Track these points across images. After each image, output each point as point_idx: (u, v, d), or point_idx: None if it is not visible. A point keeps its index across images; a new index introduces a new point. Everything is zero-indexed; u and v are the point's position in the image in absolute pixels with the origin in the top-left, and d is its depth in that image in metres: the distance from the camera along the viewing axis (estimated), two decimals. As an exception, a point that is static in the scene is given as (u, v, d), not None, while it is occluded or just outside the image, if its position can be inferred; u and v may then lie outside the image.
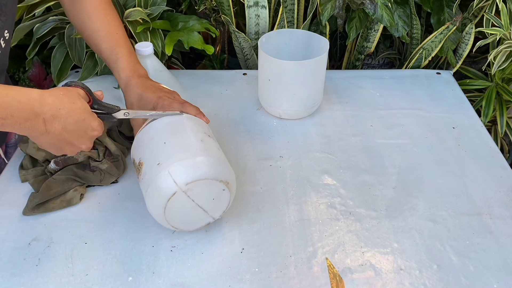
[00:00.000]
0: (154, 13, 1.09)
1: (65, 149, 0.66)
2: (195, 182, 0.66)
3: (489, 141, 0.95)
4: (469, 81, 1.24)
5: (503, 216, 0.78)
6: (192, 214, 0.70)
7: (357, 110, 1.04)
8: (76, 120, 0.62)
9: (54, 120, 0.60)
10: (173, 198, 0.66)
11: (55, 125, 0.60)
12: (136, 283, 0.67)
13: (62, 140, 0.63)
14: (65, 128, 0.61)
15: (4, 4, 0.71)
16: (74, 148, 0.66)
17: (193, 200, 0.68)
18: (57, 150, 0.66)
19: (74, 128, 0.63)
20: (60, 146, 0.64)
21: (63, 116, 0.61)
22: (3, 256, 0.71)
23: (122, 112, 0.73)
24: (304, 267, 0.70)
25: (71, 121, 0.62)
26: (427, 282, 0.68)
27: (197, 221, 0.72)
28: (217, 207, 0.72)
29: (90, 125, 0.65)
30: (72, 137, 0.63)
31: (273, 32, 1.01)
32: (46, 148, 0.65)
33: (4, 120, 0.55)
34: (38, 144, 0.64)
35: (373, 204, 0.80)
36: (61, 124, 0.61)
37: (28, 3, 1.06)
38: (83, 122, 0.63)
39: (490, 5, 1.13)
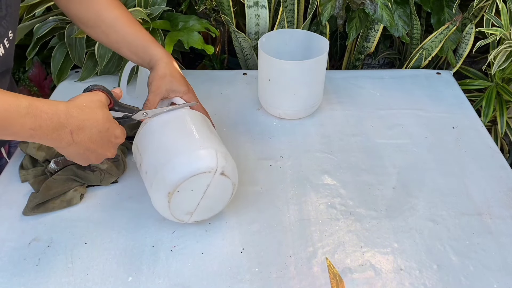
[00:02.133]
0: (154, 13, 1.09)
1: (92, 158, 0.68)
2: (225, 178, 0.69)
3: (489, 141, 0.95)
4: (469, 81, 1.24)
5: (503, 216, 0.78)
6: (188, 202, 0.71)
7: (357, 110, 1.04)
8: (100, 130, 0.65)
9: (80, 131, 0.62)
10: (203, 175, 0.68)
11: (81, 135, 0.62)
12: (136, 283, 0.67)
13: (88, 149, 0.65)
14: (90, 138, 0.64)
15: (9, 5, 0.72)
16: (100, 156, 0.68)
17: (205, 190, 0.70)
18: (84, 160, 0.68)
19: (99, 137, 0.65)
20: (87, 155, 0.66)
21: (88, 127, 0.63)
22: (3, 256, 0.71)
23: (141, 112, 0.74)
24: (304, 267, 0.70)
25: (95, 131, 0.64)
26: (427, 282, 0.68)
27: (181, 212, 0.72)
28: (204, 212, 0.74)
29: (113, 133, 0.67)
30: (97, 146, 0.66)
31: (273, 32, 1.01)
32: (74, 159, 0.67)
33: (33, 131, 0.58)
34: (66, 155, 0.66)
35: (373, 204, 0.80)
36: (86, 134, 0.63)
37: (28, 3, 1.07)
38: (107, 131, 0.66)
39: (490, 5, 1.13)
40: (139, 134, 0.76)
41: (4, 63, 0.77)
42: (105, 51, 1.07)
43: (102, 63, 1.07)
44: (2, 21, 0.71)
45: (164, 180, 0.68)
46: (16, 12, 0.75)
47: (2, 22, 0.71)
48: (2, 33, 0.72)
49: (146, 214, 0.78)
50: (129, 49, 0.84)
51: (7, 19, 0.72)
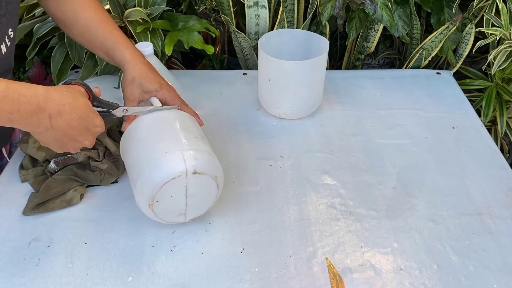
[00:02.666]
0: (154, 13, 1.09)
1: (69, 146, 0.66)
2: (201, 175, 0.68)
3: (489, 141, 0.95)
4: (469, 81, 1.24)
5: (503, 216, 0.78)
6: (175, 205, 0.71)
7: (357, 110, 1.04)
8: (80, 116, 0.63)
9: (59, 116, 0.61)
10: (177, 179, 0.66)
11: (60, 120, 0.61)
12: (136, 283, 0.67)
13: (66, 135, 0.64)
14: (69, 123, 0.63)
15: (9, 2, 0.72)
16: (77, 144, 0.67)
17: (186, 191, 0.69)
18: (60, 146, 0.66)
19: (78, 123, 0.64)
20: (64, 142, 0.65)
21: (68, 112, 0.62)
22: (3, 256, 0.71)
23: (121, 109, 0.74)
24: (304, 267, 0.70)
25: (75, 116, 0.63)
26: (427, 282, 0.68)
27: (172, 215, 0.73)
28: (196, 209, 0.74)
29: (93, 121, 0.66)
30: (76, 133, 0.64)
31: (273, 32, 1.01)
32: (49, 145, 0.66)
33: (11, 114, 0.56)
34: (41, 141, 0.65)
35: (373, 204, 0.80)
36: (65, 119, 0.62)
37: (28, 3, 1.07)
38: (86, 118, 0.65)
39: (490, 5, 1.13)
40: (121, 143, 0.76)
41: (5, 62, 0.77)
42: (105, 51, 1.07)
43: (102, 63, 1.07)
44: (2, 19, 0.71)
45: (142, 192, 0.68)
46: (16, 10, 0.75)
47: (2, 20, 0.71)
48: (3, 31, 0.72)
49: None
50: (101, 49, 0.83)
51: (7, 17, 0.72)
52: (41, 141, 0.65)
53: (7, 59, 0.77)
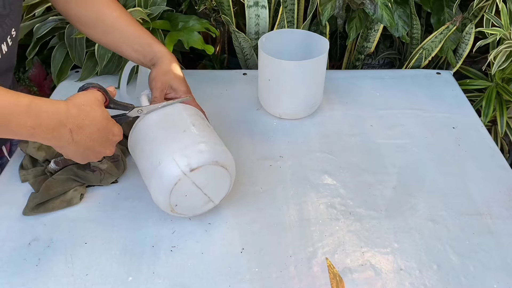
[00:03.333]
0: (154, 13, 1.09)
1: (91, 157, 0.68)
2: (199, 168, 0.68)
3: (489, 141, 0.95)
4: (469, 81, 1.24)
5: (503, 216, 0.78)
6: (195, 199, 0.72)
7: (357, 110, 1.04)
8: (99, 128, 0.65)
9: (80, 130, 0.62)
10: (179, 183, 0.68)
11: (81, 134, 0.63)
12: (136, 283, 0.67)
13: (88, 148, 0.65)
14: (90, 136, 0.64)
15: (12, 3, 0.72)
16: (99, 154, 0.69)
17: (197, 186, 0.70)
18: (83, 158, 0.68)
19: (98, 135, 0.65)
20: (86, 154, 0.67)
21: (87, 126, 0.63)
22: (3, 256, 0.71)
23: (136, 109, 0.74)
24: (304, 267, 0.70)
25: (95, 129, 0.64)
26: (427, 282, 0.68)
27: (199, 207, 0.74)
28: (219, 192, 0.75)
29: (111, 131, 0.68)
30: (96, 144, 0.66)
31: (273, 32, 1.01)
32: (72, 158, 0.67)
33: (33, 129, 0.58)
34: (64, 154, 0.66)
35: (373, 204, 0.80)
36: (86, 133, 0.63)
37: (28, 3, 1.06)
38: (105, 129, 0.66)
39: (490, 5, 1.13)
40: (129, 143, 0.77)
41: (7, 61, 0.77)
42: (105, 51, 1.07)
43: (102, 63, 1.07)
44: (6, 19, 0.71)
45: (158, 203, 0.71)
46: (18, 10, 0.75)
47: (5, 20, 0.71)
48: (6, 31, 0.72)
49: (146, 214, 0.78)
50: (132, 47, 0.84)
51: (11, 17, 0.72)
52: (65, 154, 0.66)
53: (8, 58, 0.77)
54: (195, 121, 0.75)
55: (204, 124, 0.76)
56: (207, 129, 0.75)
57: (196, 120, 0.75)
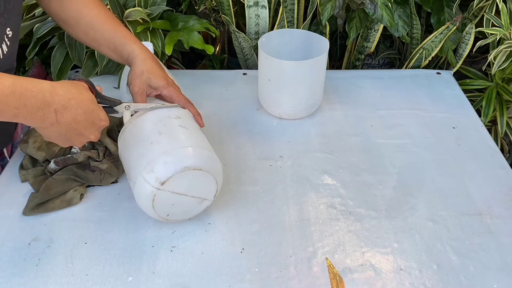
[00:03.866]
0: (154, 13, 1.09)
1: (74, 140, 0.67)
2: (169, 179, 0.67)
3: (489, 141, 0.95)
4: (469, 81, 1.24)
5: (503, 216, 0.78)
6: (185, 204, 0.72)
7: (357, 110, 1.04)
8: (85, 111, 0.64)
9: (65, 110, 0.61)
10: (156, 198, 0.68)
11: (66, 115, 0.61)
12: (136, 283, 0.67)
13: (72, 130, 0.64)
14: (75, 118, 0.63)
15: (7, 1, 0.71)
16: (83, 138, 0.67)
17: (179, 193, 0.70)
18: (65, 141, 0.66)
19: (84, 118, 0.64)
20: (69, 137, 0.65)
21: (73, 107, 0.62)
22: (3, 256, 0.71)
23: (123, 105, 0.74)
24: (304, 267, 0.70)
25: (81, 111, 0.63)
26: (427, 282, 0.68)
27: (194, 208, 0.74)
28: (208, 190, 0.73)
29: (98, 116, 0.66)
30: (82, 127, 0.65)
31: (273, 32, 1.01)
32: (54, 140, 0.66)
33: (17, 110, 0.57)
34: (46, 136, 0.65)
35: (373, 204, 0.80)
36: (71, 114, 0.62)
37: (28, 3, 1.07)
38: (92, 112, 0.65)
39: (490, 5, 1.13)
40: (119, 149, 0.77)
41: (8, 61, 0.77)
42: (105, 51, 1.07)
43: (102, 63, 1.07)
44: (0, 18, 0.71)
45: (149, 215, 0.72)
46: (16, 9, 0.75)
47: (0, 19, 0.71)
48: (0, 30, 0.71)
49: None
50: (108, 46, 0.83)
51: (5, 16, 0.72)
52: (46, 136, 0.65)
53: (8, 59, 0.76)
54: (163, 127, 0.72)
55: (174, 128, 0.73)
56: (176, 133, 0.72)
57: (165, 126, 0.73)
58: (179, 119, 0.75)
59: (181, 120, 0.75)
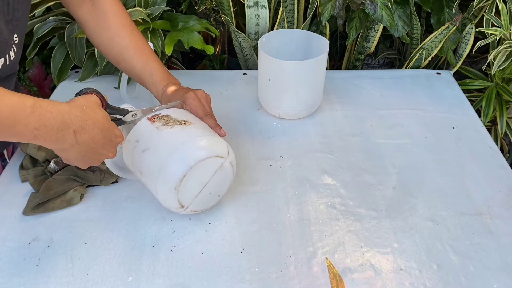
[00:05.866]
0: (154, 13, 1.09)
1: (93, 160, 0.67)
2: (200, 162, 0.69)
3: (489, 141, 0.95)
4: (469, 81, 1.24)
5: (503, 216, 0.78)
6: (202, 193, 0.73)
7: (357, 110, 1.04)
8: (102, 129, 0.64)
9: (83, 131, 0.62)
10: (184, 178, 0.69)
11: (84, 135, 0.62)
12: (136, 283, 0.67)
13: (91, 150, 0.64)
14: (93, 138, 0.63)
15: (16, 9, 0.72)
16: (101, 157, 0.68)
17: (200, 181, 0.71)
18: (85, 161, 0.67)
19: (101, 136, 0.64)
20: (89, 157, 0.65)
21: (90, 127, 0.63)
22: (3, 256, 0.71)
23: (131, 114, 0.75)
24: (304, 267, 0.70)
25: (98, 130, 0.64)
26: (427, 282, 0.68)
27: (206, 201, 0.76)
28: (222, 185, 0.76)
29: (113, 133, 0.67)
30: (100, 146, 0.65)
31: (273, 32, 1.01)
32: (74, 162, 0.66)
33: (38, 130, 0.57)
34: (66, 158, 0.65)
35: (373, 204, 0.80)
36: (89, 134, 0.63)
37: (28, 3, 1.06)
38: (107, 130, 0.66)
39: (490, 5, 1.13)
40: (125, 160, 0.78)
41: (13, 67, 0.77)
42: (105, 51, 1.07)
43: (102, 63, 1.08)
44: (9, 25, 0.71)
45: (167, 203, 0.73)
46: (24, 16, 0.75)
47: (8, 26, 0.71)
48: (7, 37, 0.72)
49: (146, 214, 0.78)
50: (137, 78, 0.87)
51: (14, 23, 0.72)
52: (66, 158, 0.65)
53: (14, 64, 0.77)
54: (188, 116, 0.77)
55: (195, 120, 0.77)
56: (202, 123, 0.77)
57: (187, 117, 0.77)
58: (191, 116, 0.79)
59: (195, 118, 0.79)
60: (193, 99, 0.81)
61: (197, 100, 0.81)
